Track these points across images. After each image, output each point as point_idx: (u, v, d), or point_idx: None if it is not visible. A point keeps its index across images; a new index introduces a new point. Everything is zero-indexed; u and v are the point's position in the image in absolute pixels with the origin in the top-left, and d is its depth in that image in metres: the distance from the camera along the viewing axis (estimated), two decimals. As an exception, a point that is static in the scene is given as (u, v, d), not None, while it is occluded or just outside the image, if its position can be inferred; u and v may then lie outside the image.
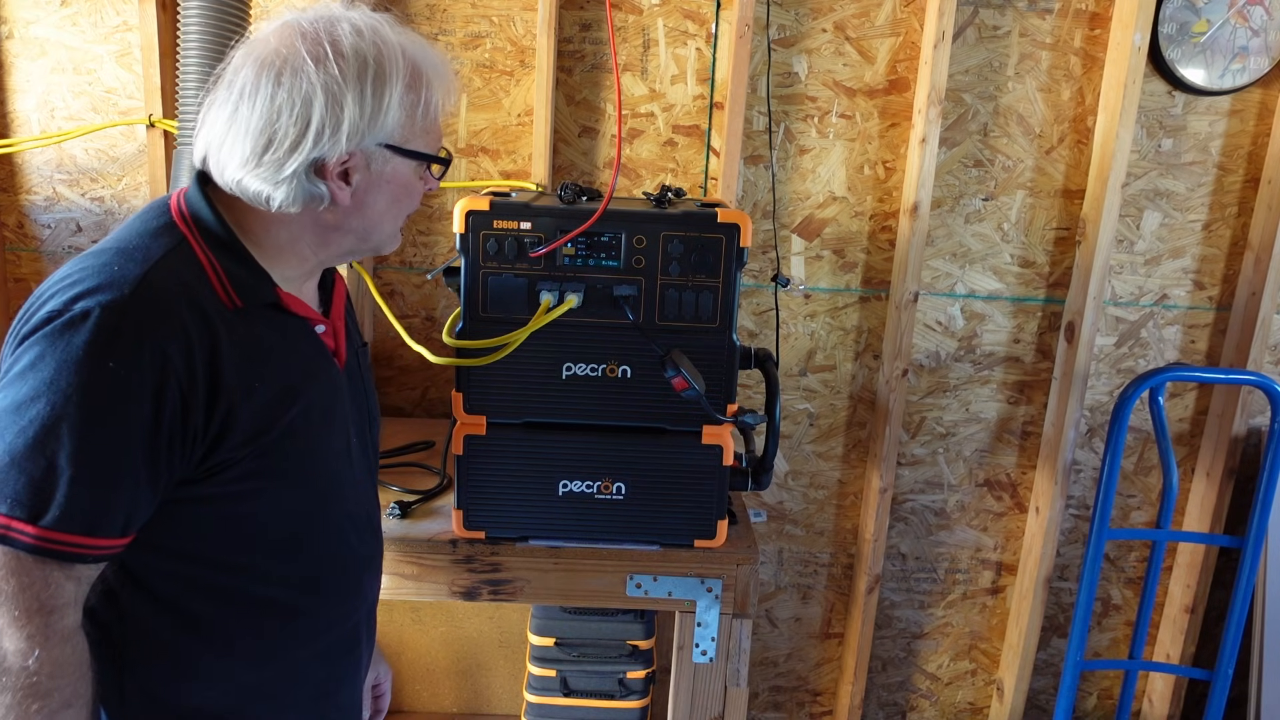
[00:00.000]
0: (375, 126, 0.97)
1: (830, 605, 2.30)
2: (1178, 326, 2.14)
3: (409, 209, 1.07)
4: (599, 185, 2.00)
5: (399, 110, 0.98)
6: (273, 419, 0.97)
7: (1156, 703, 2.31)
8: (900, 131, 2.01)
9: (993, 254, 2.09)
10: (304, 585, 1.06)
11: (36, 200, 1.96)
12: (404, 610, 2.10)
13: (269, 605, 1.03)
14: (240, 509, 0.98)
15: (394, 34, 0.99)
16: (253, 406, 0.94)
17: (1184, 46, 1.94)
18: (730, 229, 1.39)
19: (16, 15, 1.87)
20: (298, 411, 1.00)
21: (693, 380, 1.35)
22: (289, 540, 1.03)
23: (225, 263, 0.97)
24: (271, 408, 0.96)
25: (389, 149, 0.99)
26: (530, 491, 1.49)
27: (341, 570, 1.11)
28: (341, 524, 1.10)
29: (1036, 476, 2.19)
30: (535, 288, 1.41)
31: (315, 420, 1.03)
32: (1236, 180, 2.06)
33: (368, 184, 1.00)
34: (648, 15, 1.93)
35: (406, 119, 0.99)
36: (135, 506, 0.90)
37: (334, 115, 0.94)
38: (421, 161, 1.03)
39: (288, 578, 1.04)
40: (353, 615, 1.14)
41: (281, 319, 1.02)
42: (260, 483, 0.98)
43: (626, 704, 1.84)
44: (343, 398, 1.10)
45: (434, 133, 1.05)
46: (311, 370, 1.04)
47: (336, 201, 0.99)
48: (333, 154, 0.95)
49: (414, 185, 1.05)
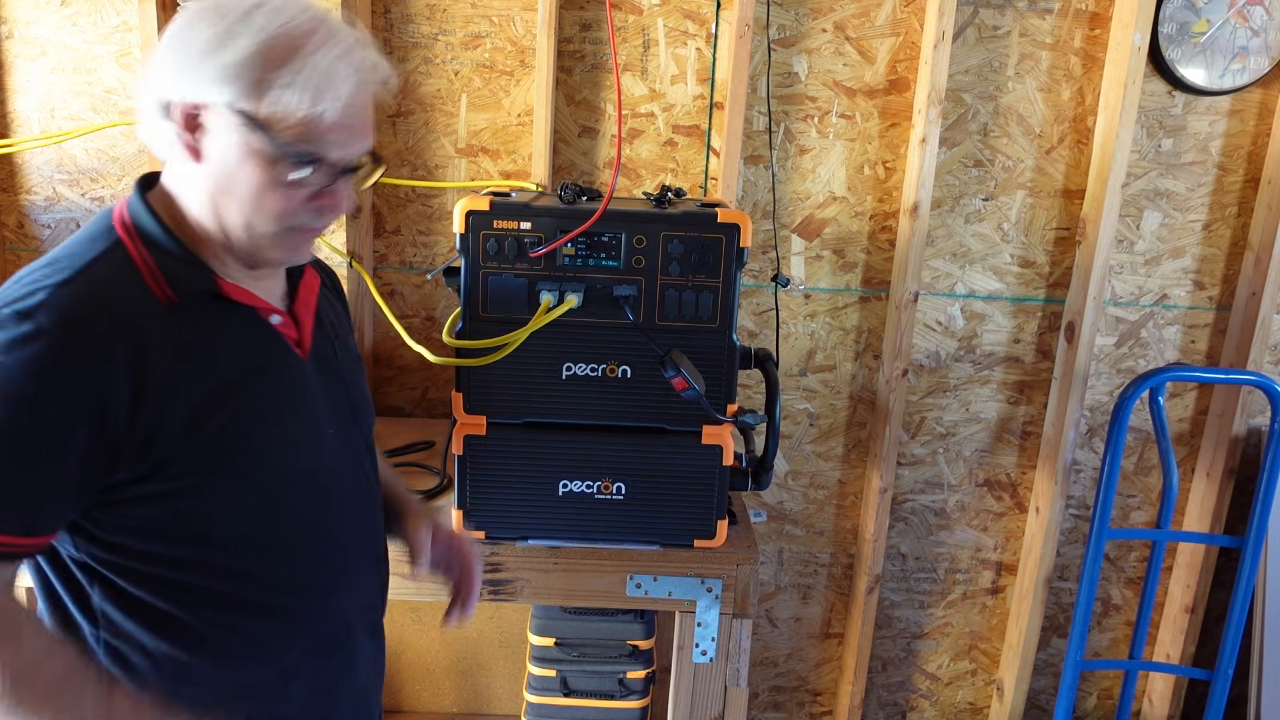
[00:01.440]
0: (219, 77, 0.90)
1: (830, 605, 2.30)
2: (1178, 326, 2.14)
3: (263, 208, 0.96)
4: (599, 185, 2.00)
5: (241, 74, 0.90)
6: (209, 414, 0.95)
7: (1156, 703, 2.31)
8: (900, 131, 2.01)
9: (993, 254, 2.09)
10: (276, 582, 1.04)
11: (36, 200, 1.96)
12: (404, 610, 2.11)
13: (238, 602, 1.02)
14: (188, 505, 0.96)
15: (307, 14, 0.94)
16: (186, 403, 0.93)
17: (1184, 46, 1.94)
18: (730, 229, 1.39)
19: (16, 15, 1.87)
20: (242, 405, 0.98)
21: (693, 380, 1.35)
22: (251, 536, 1.02)
23: (158, 258, 0.96)
24: (208, 403, 0.95)
25: (238, 116, 0.91)
26: (530, 491, 1.49)
27: (322, 566, 1.08)
28: (318, 518, 1.08)
29: (1036, 476, 2.19)
30: (535, 288, 1.41)
31: (267, 414, 1.01)
32: (1236, 180, 2.06)
33: (209, 144, 0.94)
34: (648, 15, 1.93)
35: (254, 84, 0.91)
36: (41, 508, 0.90)
37: (184, 49, 0.92)
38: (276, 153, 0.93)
39: (254, 574, 1.02)
40: (338, 613, 1.11)
41: (225, 310, 1.00)
42: (203, 479, 0.96)
43: (626, 704, 1.84)
44: (308, 389, 1.07)
45: (305, 126, 0.93)
46: (261, 362, 1.02)
47: (186, 153, 0.94)
48: (174, 93, 0.92)
49: (261, 176, 0.94)
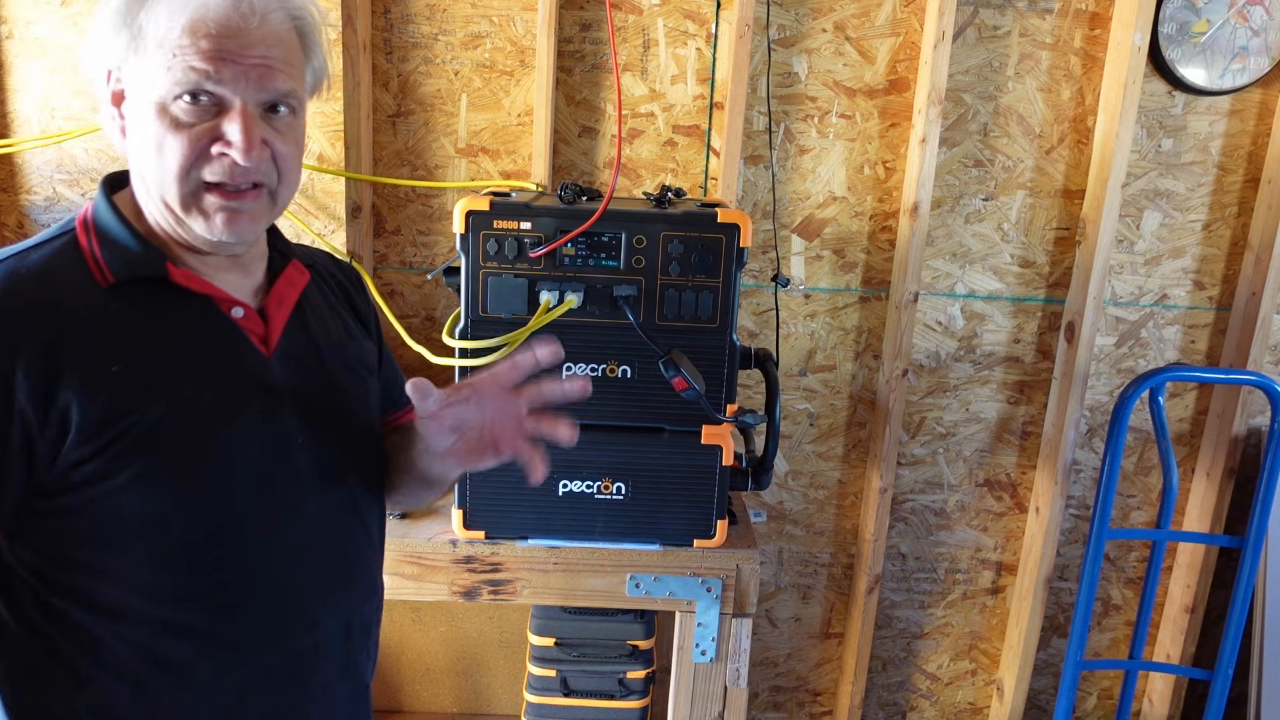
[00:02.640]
0: (112, 32, 0.89)
1: (830, 605, 2.30)
2: (1178, 326, 2.14)
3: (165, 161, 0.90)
4: (599, 185, 2.00)
5: (121, 25, 0.89)
6: (137, 407, 0.88)
7: (1156, 703, 2.31)
8: (900, 131, 2.01)
9: (993, 254, 2.09)
10: (206, 603, 0.94)
11: (36, 200, 1.96)
12: (404, 610, 2.10)
13: (163, 624, 0.92)
14: (110, 507, 0.88)
15: None
16: (106, 393, 0.87)
17: (1184, 46, 1.94)
18: (730, 229, 1.40)
19: (16, 15, 1.87)
20: (176, 400, 0.90)
21: (693, 380, 1.35)
22: (183, 550, 0.92)
23: (106, 247, 0.92)
24: (136, 395, 0.88)
25: (129, 67, 0.90)
26: (530, 491, 1.49)
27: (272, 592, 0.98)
28: (270, 537, 0.97)
29: (1036, 476, 2.19)
30: (535, 288, 1.41)
31: (208, 412, 0.92)
32: (1236, 180, 2.06)
33: (129, 116, 0.92)
34: (648, 15, 1.93)
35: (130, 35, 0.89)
36: None
37: (101, 24, 0.90)
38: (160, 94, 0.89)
39: (181, 591, 0.92)
40: (293, 647, 1.00)
41: (175, 299, 0.94)
42: (128, 480, 0.88)
43: (626, 704, 1.83)
44: (269, 389, 0.97)
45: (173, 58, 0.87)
46: (208, 356, 0.94)
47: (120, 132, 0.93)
48: (99, 71, 0.92)
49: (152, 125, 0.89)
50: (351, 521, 1.06)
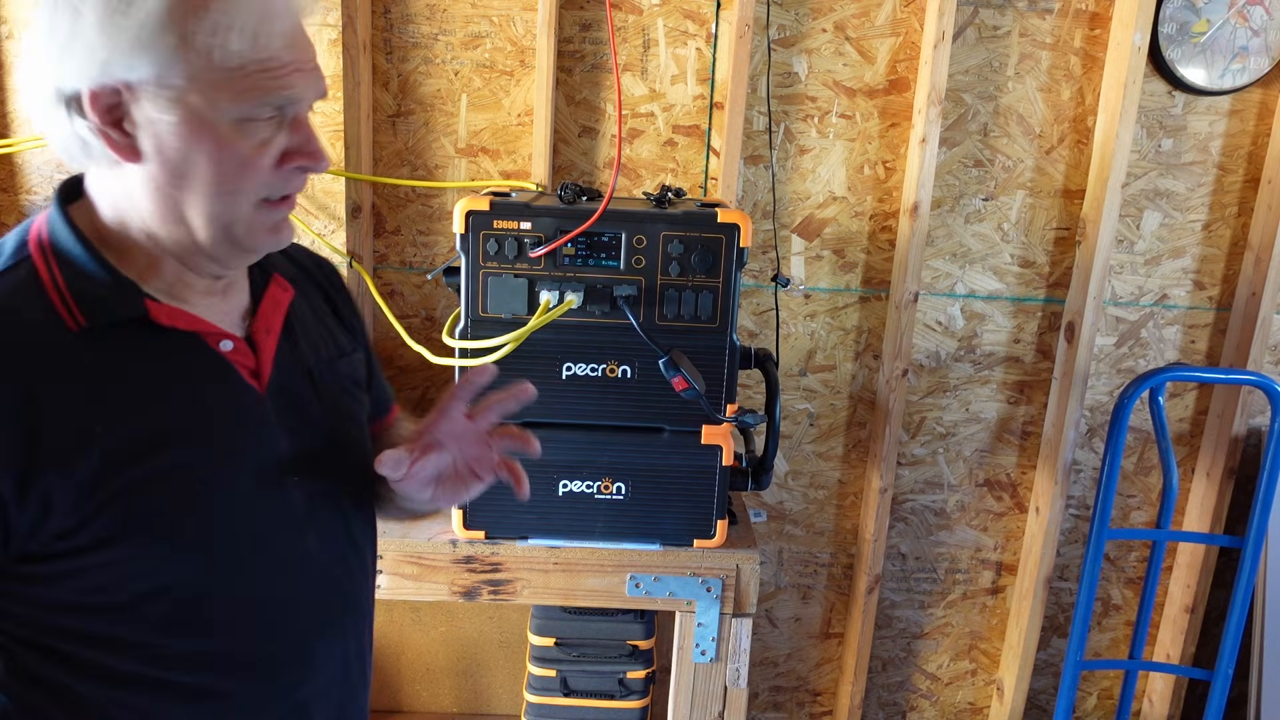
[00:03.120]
0: (132, 47, 0.76)
1: (830, 605, 2.30)
2: (1178, 326, 2.14)
3: (240, 181, 0.82)
4: (599, 185, 2.00)
5: (167, 30, 0.76)
6: (125, 467, 0.79)
7: (1156, 703, 2.31)
8: (900, 131, 2.01)
9: (993, 254, 2.09)
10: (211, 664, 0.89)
11: (36, 200, 1.96)
12: (404, 610, 2.10)
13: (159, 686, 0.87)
14: (102, 577, 0.81)
15: None
16: (93, 457, 0.78)
17: (1184, 46, 1.94)
18: (730, 229, 1.40)
19: (16, 15, 1.87)
20: (171, 456, 0.82)
21: (693, 380, 1.35)
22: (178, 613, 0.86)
23: (71, 277, 0.80)
24: (124, 455, 0.79)
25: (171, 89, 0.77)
26: (530, 491, 1.49)
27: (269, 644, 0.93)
28: (269, 589, 0.91)
29: (1036, 476, 2.19)
30: (535, 288, 1.41)
31: (203, 466, 0.85)
32: (1236, 180, 2.06)
33: (150, 135, 0.79)
34: (648, 15, 1.93)
35: (186, 48, 0.77)
36: None
37: (75, 28, 0.76)
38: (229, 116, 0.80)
39: (183, 655, 0.87)
40: (294, 692, 0.95)
41: (156, 339, 0.84)
42: (117, 550, 0.80)
43: (626, 704, 1.83)
44: (264, 432, 0.90)
45: (259, 75, 0.80)
46: (200, 401, 0.86)
47: (120, 158, 0.79)
48: (78, 81, 0.76)
49: (229, 145, 0.80)
50: (348, 552, 1.01)
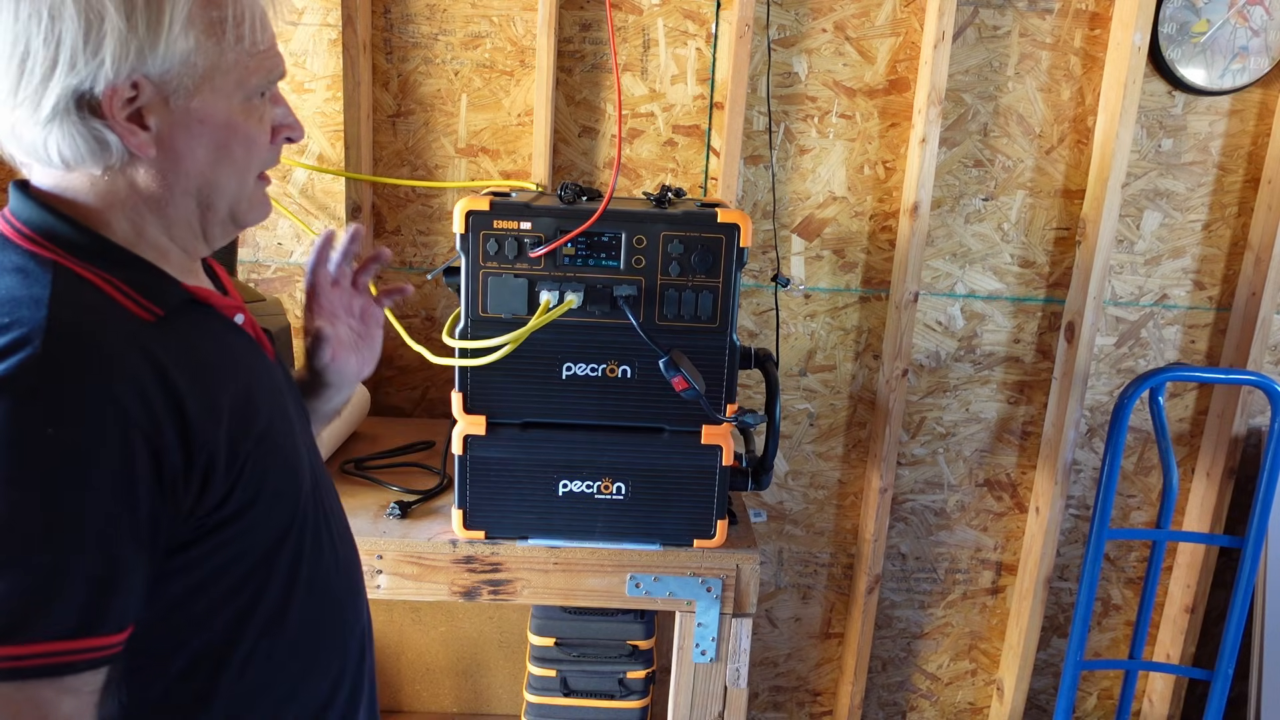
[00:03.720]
0: (158, 46, 0.76)
1: (830, 605, 2.30)
2: (1178, 326, 2.14)
3: (251, 159, 0.86)
4: (599, 185, 2.00)
5: (191, 27, 0.77)
6: (244, 433, 0.83)
7: (1156, 703, 2.31)
8: (900, 131, 2.01)
9: (993, 254, 2.09)
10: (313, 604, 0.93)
11: (36, 200, 1.96)
12: (404, 610, 2.10)
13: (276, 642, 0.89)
14: (236, 549, 0.84)
15: None
16: (225, 426, 0.80)
17: (1184, 46, 1.94)
18: (730, 229, 1.40)
19: (16, 15, 1.87)
20: (263, 418, 0.86)
21: (693, 380, 1.35)
22: (293, 563, 0.89)
23: (116, 271, 0.80)
24: (239, 421, 0.82)
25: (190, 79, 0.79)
26: (530, 491, 1.49)
27: (343, 572, 0.99)
28: (326, 523, 0.97)
29: (1036, 476, 2.19)
30: (535, 288, 1.41)
31: (279, 424, 0.90)
32: (1236, 180, 2.06)
33: (172, 126, 0.79)
34: (648, 15, 1.93)
35: (207, 38, 0.79)
36: (126, 590, 0.74)
37: (94, 28, 0.73)
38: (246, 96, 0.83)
39: (295, 603, 0.90)
40: (360, 617, 1.02)
41: (201, 317, 0.87)
42: (253, 512, 0.83)
43: (626, 704, 1.83)
44: (288, 391, 0.97)
45: (260, 57, 0.83)
46: (254, 368, 0.91)
47: (139, 153, 0.79)
48: (99, 80, 0.74)
49: (242, 126, 0.84)
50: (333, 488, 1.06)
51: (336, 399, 1.16)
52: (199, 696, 0.84)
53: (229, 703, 0.86)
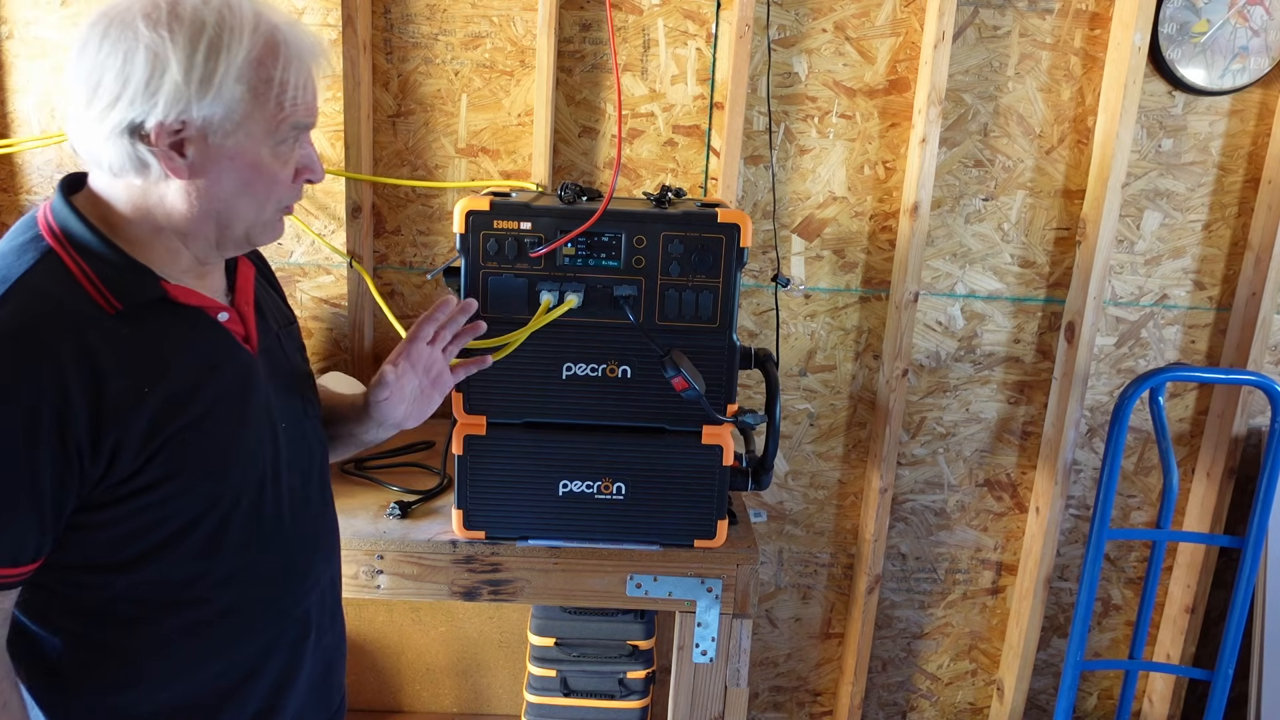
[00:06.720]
0: (207, 95, 0.90)
1: (830, 605, 2.30)
2: (1178, 326, 2.14)
3: (270, 195, 0.99)
4: (599, 185, 2.00)
5: (239, 83, 0.91)
6: (170, 420, 0.94)
7: (1156, 703, 2.31)
8: (900, 131, 2.01)
9: (993, 254, 2.09)
10: (236, 581, 1.04)
11: (36, 200, 1.96)
12: (404, 610, 2.10)
13: (202, 604, 1.02)
14: (154, 515, 0.96)
15: (250, 5, 0.94)
16: (146, 413, 0.92)
17: (1184, 46, 1.94)
18: (730, 229, 1.39)
19: (16, 15, 1.87)
20: (200, 410, 0.97)
21: (693, 380, 1.35)
22: (211, 539, 1.01)
23: (96, 266, 0.93)
24: (168, 409, 0.94)
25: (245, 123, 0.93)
26: (530, 491, 1.49)
27: (283, 564, 1.09)
28: (277, 516, 1.07)
29: (1036, 476, 2.19)
30: (535, 288, 1.41)
31: (225, 416, 1.00)
32: (1236, 180, 2.06)
33: (206, 158, 0.93)
34: (648, 15, 1.93)
35: (251, 94, 0.92)
36: (22, 536, 0.89)
37: (155, 77, 0.88)
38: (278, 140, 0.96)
39: (215, 575, 1.02)
40: (300, 603, 1.12)
41: (173, 313, 0.98)
42: (168, 487, 0.95)
43: (626, 704, 1.84)
44: (258, 385, 1.06)
45: (297, 111, 0.97)
46: (215, 362, 1.01)
47: (172, 175, 0.93)
48: (151, 117, 0.89)
49: (268, 166, 0.97)
50: (321, 489, 1.18)
51: (376, 433, 1.25)
52: (128, 636, 0.99)
53: (152, 648, 1.01)
